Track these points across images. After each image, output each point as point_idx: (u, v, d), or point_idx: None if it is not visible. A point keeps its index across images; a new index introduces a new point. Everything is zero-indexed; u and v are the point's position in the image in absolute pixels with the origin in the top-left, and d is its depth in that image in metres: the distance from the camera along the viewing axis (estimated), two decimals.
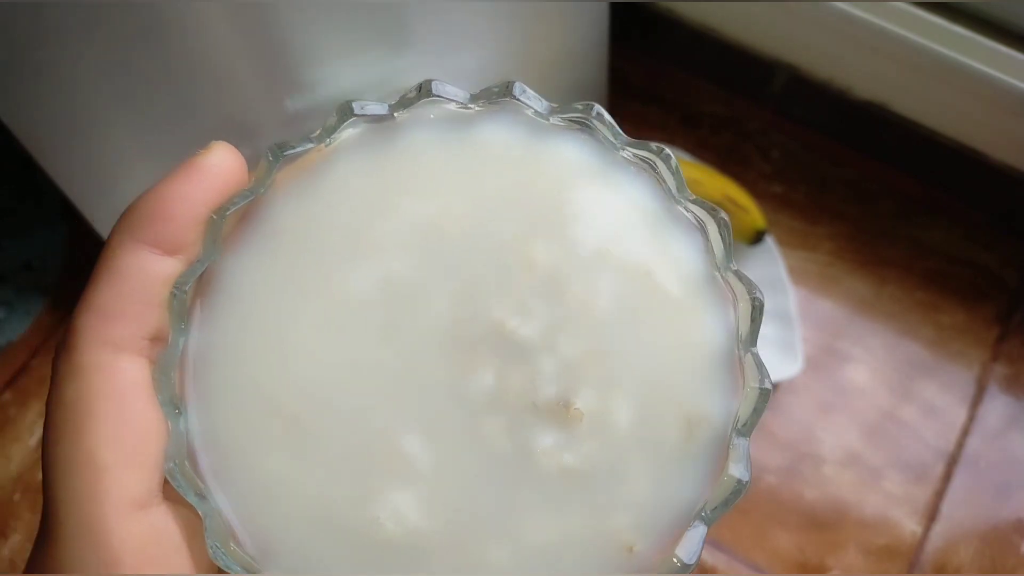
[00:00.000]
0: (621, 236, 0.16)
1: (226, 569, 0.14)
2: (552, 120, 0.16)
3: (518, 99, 0.16)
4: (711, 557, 0.43)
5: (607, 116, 0.16)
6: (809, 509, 0.45)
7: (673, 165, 0.16)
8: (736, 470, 0.15)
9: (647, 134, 0.55)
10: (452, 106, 0.16)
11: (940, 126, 0.49)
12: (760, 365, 0.15)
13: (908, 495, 0.45)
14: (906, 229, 0.53)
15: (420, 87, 0.16)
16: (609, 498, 0.15)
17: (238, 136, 0.42)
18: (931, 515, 0.45)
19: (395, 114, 0.16)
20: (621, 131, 0.16)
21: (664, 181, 0.16)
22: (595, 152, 0.16)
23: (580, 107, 0.16)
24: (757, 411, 0.15)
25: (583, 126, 0.16)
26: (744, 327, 0.16)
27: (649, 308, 0.16)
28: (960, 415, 0.47)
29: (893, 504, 0.45)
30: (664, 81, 0.58)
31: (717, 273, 0.16)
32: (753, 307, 0.15)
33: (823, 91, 0.52)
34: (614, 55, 0.53)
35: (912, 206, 0.53)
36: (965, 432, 0.47)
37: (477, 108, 0.16)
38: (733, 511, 0.25)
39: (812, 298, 0.50)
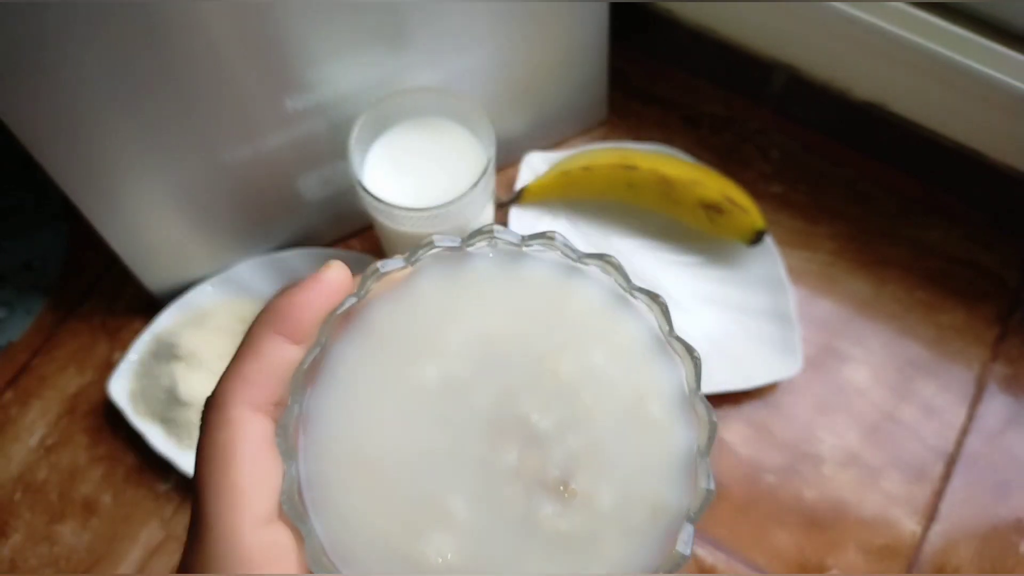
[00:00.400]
0: (624, 360, 0.22)
1: (318, 574, 0.20)
2: (579, 262, 0.22)
3: (556, 244, 0.21)
4: (711, 556, 0.43)
5: (619, 263, 0.21)
6: (808, 508, 0.45)
7: (665, 308, 0.21)
8: (682, 548, 0.20)
9: (647, 134, 0.56)
10: (507, 244, 0.22)
11: (940, 126, 0.49)
12: (709, 472, 0.21)
13: (907, 494, 0.45)
14: (906, 229, 0.53)
15: (484, 230, 0.21)
16: (589, 558, 0.20)
17: (239, 135, 0.42)
18: (930, 515, 0.45)
19: (465, 247, 0.22)
20: (630, 278, 0.22)
21: (659, 320, 0.22)
22: (610, 291, 0.22)
23: (601, 255, 0.22)
24: (703, 507, 0.20)
25: (602, 268, 0.22)
26: (702, 442, 0.21)
27: (636, 421, 0.21)
28: (959, 415, 0.47)
29: (892, 503, 0.45)
30: (664, 81, 0.58)
31: (694, 401, 0.21)
32: (710, 429, 0.21)
33: (823, 91, 0.52)
34: (615, 55, 0.53)
35: (912, 206, 0.53)
36: (964, 432, 0.47)
37: (525, 247, 0.22)
38: (733, 510, 0.28)
39: (812, 298, 0.50)
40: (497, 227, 0.21)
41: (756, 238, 0.48)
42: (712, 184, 0.48)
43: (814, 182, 0.54)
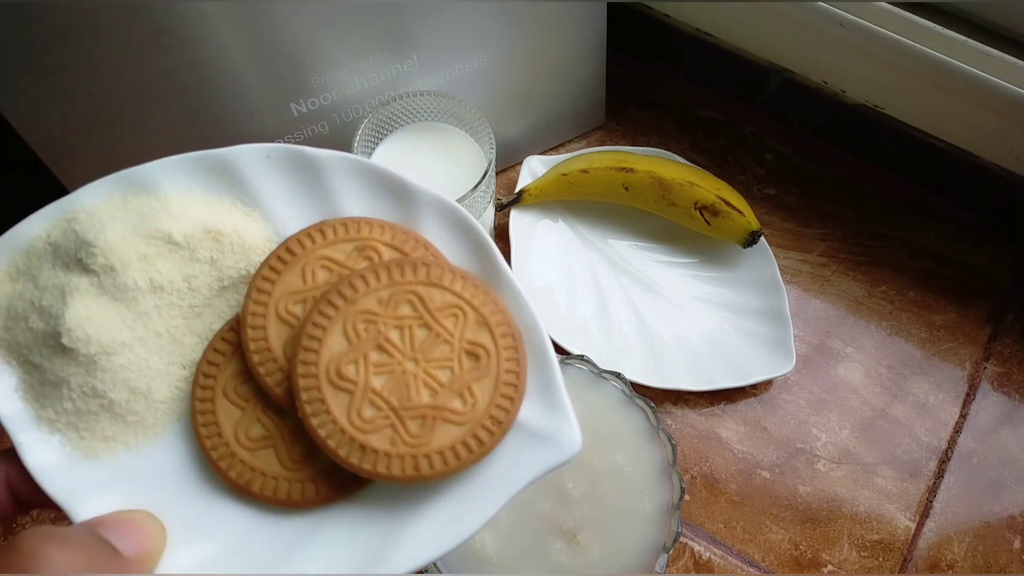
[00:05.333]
0: (636, 464, 0.33)
1: None
2: (601, 373, 0.36)
3: (588, 361, 0.36)
4: (706, 552, 0.44)
5: (627, 378, 0.35)
6: (803, 504, 0.45)
7: (655, 409, 0.34)
8: None
9: (644, 138, 0.56)
10: (592, 367, 0.36)
11: (932, 128, 0.50)
12: (679, 520, 0.32)
13: (901, 491, 0.46)
14: (898, 230, 0.53)
15: (577, 356, 0.36)
16: None
17: (246, 139, 0.43)
18: (924, 511, 0.45)
19: (563, 363, 0.35)
20: (633, 389, 0.35)
21: (651, 417, 0.34)
22: (622, 396, 0.35)
23: (616, 373, 0.35)
24: (671, 547, 0.32)
25: (616, 378, 0.35)
26: (675, 499, 0.32)
27: (633, 511, 0.32)
28: (952, 413, 0.48)
29: (886, 500, 0.45)
30: (661, 86, 0.58)
31: (671, 473, 0.33)
32: (680, 492, 0.33)
33: (816, 95, 0.53)
34: (612, 61, 0.53)
35: (904, 207, 0.54)
36: (957, 429, 0.47)
37: (577, 365, 0.36)
38: (728, 506, 0.41)
39: (806, 298, 0.51)
40: (588, 356, 0.36)
41: (750, 239, 0.48)
42: (707, 186, 0.48)
43: (807, 184, 0.55)
